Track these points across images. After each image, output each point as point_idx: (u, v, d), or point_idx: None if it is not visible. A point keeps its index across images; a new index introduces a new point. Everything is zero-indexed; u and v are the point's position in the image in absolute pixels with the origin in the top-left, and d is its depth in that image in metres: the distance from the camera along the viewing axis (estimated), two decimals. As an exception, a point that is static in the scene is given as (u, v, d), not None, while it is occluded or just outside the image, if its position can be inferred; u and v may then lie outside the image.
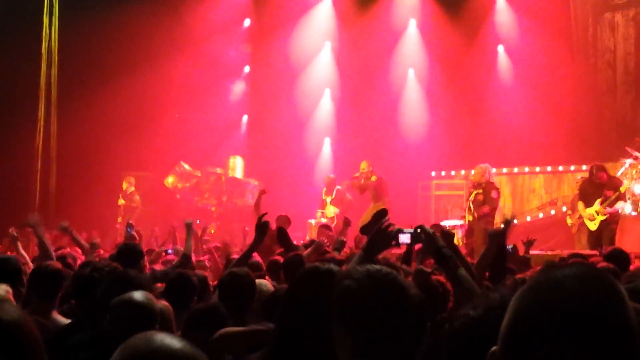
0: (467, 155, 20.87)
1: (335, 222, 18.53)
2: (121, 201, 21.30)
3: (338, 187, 19.36)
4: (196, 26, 22.95)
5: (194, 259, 9.76)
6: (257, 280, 6.04)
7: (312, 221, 18.92)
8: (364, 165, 18.68)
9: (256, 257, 8.92)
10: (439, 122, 22.54)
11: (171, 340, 1.90)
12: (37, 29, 22.27)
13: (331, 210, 19.16)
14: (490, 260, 6.59)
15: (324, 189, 19.61)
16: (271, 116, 23.39)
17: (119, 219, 20.87)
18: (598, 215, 14.97)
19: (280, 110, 23.35)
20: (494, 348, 1.70)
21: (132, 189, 21.54)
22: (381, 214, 6.31)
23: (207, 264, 10.79)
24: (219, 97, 23.73)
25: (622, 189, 15.16)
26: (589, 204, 15.16)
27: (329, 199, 19.28)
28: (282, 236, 9.01)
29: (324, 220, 18.81)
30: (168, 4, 22.39)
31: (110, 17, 21.28)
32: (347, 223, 11.02)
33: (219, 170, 22.54)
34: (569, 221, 16.52)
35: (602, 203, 14.93)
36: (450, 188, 21.27)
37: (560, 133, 20.21)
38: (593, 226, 15.10)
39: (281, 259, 7.97)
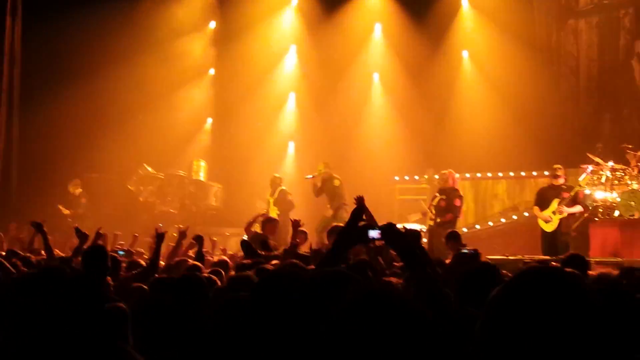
0: (430, 160, 20.98)
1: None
2: (65, 211, 20.42)
3: (281, 187, 19.25)
4: (161, 28, 22.91)
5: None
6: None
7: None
8: (320, 167, 18.50)
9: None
10: (404, 126, 22.63)
11: None
12: (0, 30, 22.07)
13: (274, 211, 19.09)
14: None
15: (270, 190, 19.53)
16: (235, 119, 23.35)
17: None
18: (555, 215, 15.09)
19: (245, 113, 23.30)
20: (468, 349, 1.77)
21: (79, 190, 20.99)
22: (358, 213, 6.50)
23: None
24: (183, 99, 23.65)
25: (577, 188, 15.35)
26: (544, 208, 15.32)
27: (272, 199, 19.21)
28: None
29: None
30: (133, 5, 22.31)
31: (74, 18, 21.13)
32: (296, 225, 11.00)
33: (182, 173, 22.48)
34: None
35: (559, 203, 15.14)
36: (414, 192, 21.36)
37: (523, 139, 20.36)
38: (549, 227, 15.20)
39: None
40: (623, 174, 17.03)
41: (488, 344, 1.73)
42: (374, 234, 4.69)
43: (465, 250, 10.38)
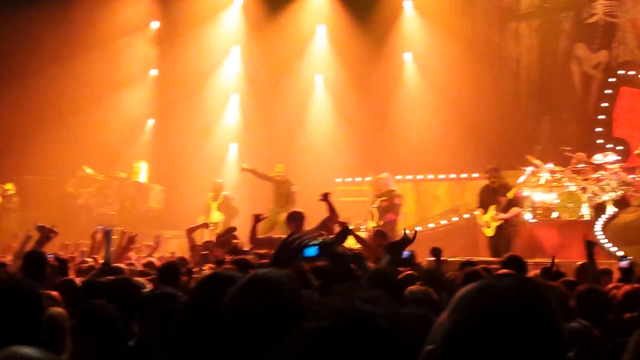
0: (372, 162, 21.05)
1: (220, 228, 18.45)
2: None
3: (225, 192, 19.23)
4: (103, 27, 22.73)
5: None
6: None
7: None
8: (280, 168, 18.51)
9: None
10: (346, 128, 22.73)
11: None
12: None
13: (215, 216, 19.04)
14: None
15: (211, 194, 19.45)
16: (177, 121, 23.21)
17: None
18: (493, 222, 15.29)
19: (187, 114, 23.19)
20: (429, 347, 1.77)
21: (12, 191, 20.77)
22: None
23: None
24: (124, 100, 23.46)
25: (509, 194, 15.51)
26: (485, 209, 15.54)
27: (214, 205, 19.14)
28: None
29: (210, 227, 18.70)
30: (75, 4, 22.10)
31: (14, 17, 20.91)
32: (229, 230, 11.08)
33: (122, 175, 22.33)
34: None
35: (496, 209, 15.29)
36: (355, 194, 21.42)
37: (464, 141, 20.53)
38: (489, 232, 15.42)
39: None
40: (562, 176, 17.30)
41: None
42: (310, 252, 4.54)
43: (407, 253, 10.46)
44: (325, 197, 11.33)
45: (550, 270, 7.96)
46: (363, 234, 16.29)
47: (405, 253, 10.30)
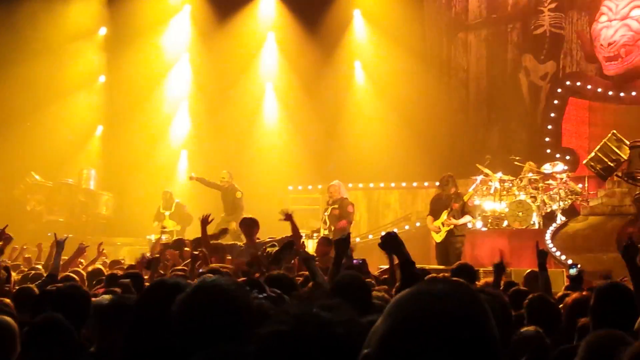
0: (324, 170, 21.14)
1: (175, 236, 18.39)
2: None
3: (177, 200, 19.17)
4: (51, 32, 22.44)
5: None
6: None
7: (152, 237, 18.49)
8: (224, 175, 18.47)
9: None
10: (296, 136, 22.78)
11: None
12: None
13: (172, 224, 18.95)
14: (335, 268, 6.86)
15: (161, 203, 19.35)
16: (126, 127, 23.01)
17: None
18: (444, 226, 15.33)
19: (136, 121, 23.02)
20: (365, 351, 1.80)
21: None
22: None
23: None
24: (72, 106, 23.19)
25: (465, 198, 15.62)
26: (437, 217, 15.52)
27: (167, 213, 19.07)
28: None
29: (164, 237, 18.63)
30: (21, 8, 21.85)
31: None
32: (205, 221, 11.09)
33: (71, 182, 22.14)
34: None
35: (448, 214, 15.27)
36: (307, 202, 21.47)
37: (415, 149, 20.68)
38: (438, 238, 15.39)
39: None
40: (511, 185, 17.52)
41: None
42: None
43: (357, 261, 10.56)
44: (288, 217, 11.25)
45: (500, 266, 8.06)
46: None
47: (356, 261, 10.44)
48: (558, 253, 15.34)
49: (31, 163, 21.80)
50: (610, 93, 19.84)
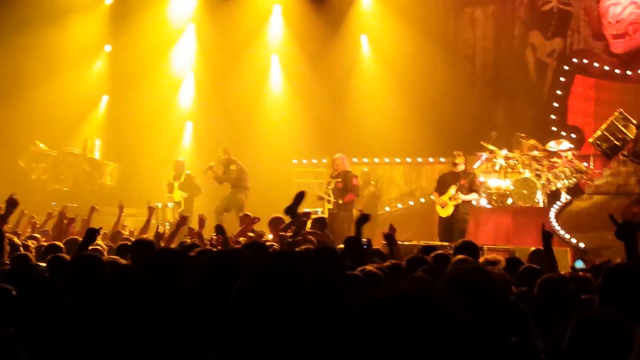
0: (328, 144, 21.14)
1: (183, 206, 18.53)
2: None
3: (187, 171, 19.23)
4: (56, 1, 22.40)
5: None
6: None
7: (159, 204, 18.68)
8: (220, 153, 18.51)
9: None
10: (302, 109, 22.76)
11: None
12: None
13: (179, 195, 19.04)
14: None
15: (173, 173, 19.44)
16: (132, 98, 22.97)
17: None
18: (451, 201, 15.35)
19: (141, 92, 22.95)
20: None
21: None
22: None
23: None
24: (78, 75, 23.19)
25: (476, 172, 15.64)
26: (444, 193, 15.54)
27: (177, 184, 19.14)
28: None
29: (170, 205, 18.78)
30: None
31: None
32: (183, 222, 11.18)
33: (76, 151, 22.17)
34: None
35: (456, 190, 15.31)
36: (311, 176, 21.53)
37: (420, 125, 20.67)
38: (444, 213, 15.43)
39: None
40: (516, 162, 17.53)
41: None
42: None
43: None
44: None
45: (518, 263, 8.09)
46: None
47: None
48: (562, 232, 15.42)
49: (36, 132, 21.81)
50: (617, 71, 19.83)
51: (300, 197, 8.91)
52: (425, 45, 22.11)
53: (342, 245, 8.37)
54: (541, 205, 16.92)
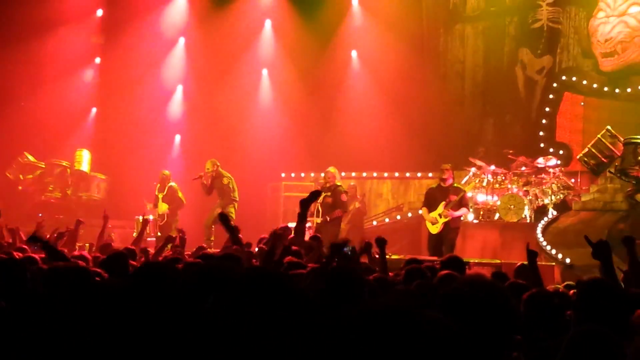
0: (317, 158, 21.15)
1: (165, 219, 18.46)
2: None
3: (171, 183, 19.12)
4: (48, 13, 22.37)
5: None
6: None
7: (139, 217, 18.61)
8: (208, 165, 18.38)
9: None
10: (291, 123, 22.74)
11: None
12: None
13: (163, 207, 18.94)
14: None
15: (157, 185, 19.34)
16: (121, 110, 22.97)
17: None
18: (441, 218, 15.12)
19: (131, 104, 22.96)
20: None
21: None
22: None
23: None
24: (67, 87, 23.15)
25: (467, 189, 15.58)
26: (433, 209, 15.29)
27: (161, 196, 19.05)
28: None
29: (151, 218, 18.68)
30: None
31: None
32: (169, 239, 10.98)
33: (64, 163, 22.08)
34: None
35: (445, 206, 15.07)
36: (300, 189, 21.52)
37: (409, 140, 20.72)
38: (434, 229, 15.14)
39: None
40: (504, 178, 17.56)
41: None
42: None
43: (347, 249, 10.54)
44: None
45: (505, 277, 8.06)
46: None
47: (346, 249, 10.39)
48: (549, 247, 15.39)
49: (24, 143, 21.74)
50: (605, 89, 19.91)
51: (315, 194, 8.84)
52: (415, 60, 22.18)
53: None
54: (528, 220, 16.95)
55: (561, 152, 19.69)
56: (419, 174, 21.25)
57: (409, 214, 20.18)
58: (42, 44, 22.22)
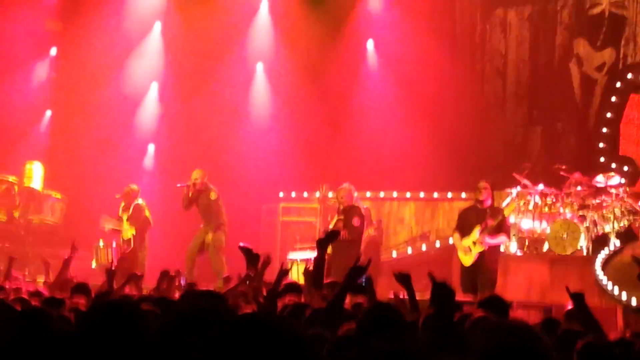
0: (323, 174, 21.18)
1: (132, 246, 18.42)
2: None
3: (138, 201, 19.05)
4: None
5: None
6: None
7: (99, 242, 18.78)
8: (196, 175, 18.27)
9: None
10: (292, 131, 22.76)
11: None
12: None
13: (128, 231, 18.79)
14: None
15: (122, 204, 19.20)
16: (81, 113, 23.02)
17: None
18: (475, 246, 14.93)
19: (94, 106, 22.98)
20: None
21: None
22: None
23: None
24: (15, 85, 23.19)
25: (506, 212, 15.47)
26: (466, 235, 15.10)
27: (125, 216, 18.94)
28: None
29: (114, 244, 18.69)
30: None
31: None
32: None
33: (11, 179, 22.11)
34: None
35: (481, 232, 14.86)
36: (300, 213, 21.54)
37: (437, 153, 20.74)
38: (468, 260, 14.99)
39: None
40: (554, 200, 17.58)
41: None
42: None
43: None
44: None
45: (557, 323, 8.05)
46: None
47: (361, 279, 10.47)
48: (610, 286, 15.39)
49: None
50: (682, 91, 19.97)
51: (334, 234, 8.94)
52: (445, 54, 22.22)
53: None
54: (584, 252, 16.94)
55: (626, 168, 19.71)
56: (449, 195, 21.27)
57: (437, 244, 20.20)
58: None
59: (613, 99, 20.84)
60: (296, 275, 14.92)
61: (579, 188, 17.61)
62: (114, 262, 17.86)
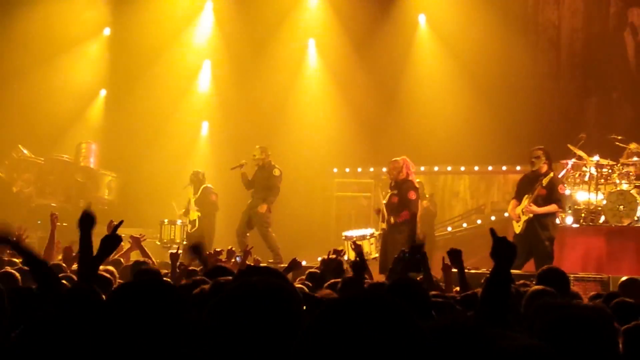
0: (377, 149, 21.14)
1: (197, 226, 18.45)
2: None
3: (206, 185, 19.03)
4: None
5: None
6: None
7: (165, 221, 18.91)
8: (257, 152, 18.14)
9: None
10: (345, 107, 22.73)
11: None
12: None
13: (193, 213, 18.79)
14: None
15: (190, 188, 19.15)
16: (135, 92, 23.10)
17: None
18: (523, 214, 14.69)
19: (147, 85, 23.06)
20: None
21: None
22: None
23: None
24: (70, 66, 23.35)
25: (544, 181, 15.00)
26: (520, 201, 14.83)
27: (193, 199, 18.93)
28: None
29: (179, 222, 18.75)
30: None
31: None
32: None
33: (67, 158, 22.28)
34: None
35: (530, 201, 14.60)
36: (356, 188, 21.52)
37: (491, 125, 20.62)
38: (517, 228, 14.75)
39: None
40: (610, 171, 17.40)
41: None
42: None
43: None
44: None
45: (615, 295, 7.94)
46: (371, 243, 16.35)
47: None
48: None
49: (19, 135, 21.98)
50: None
51: (419, 247, 8.85)
52: (498, 26, 22.03)
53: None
54: (642, 224, 16.78)
55: (683, 137, 19.51)
56: (503, 168, 21.18)
57: (492, 217, 20.12)
58: (38, 14, 22.41)
59: (669, 67, 20.69)
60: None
61: (635, 159, 17.41)
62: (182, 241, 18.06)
